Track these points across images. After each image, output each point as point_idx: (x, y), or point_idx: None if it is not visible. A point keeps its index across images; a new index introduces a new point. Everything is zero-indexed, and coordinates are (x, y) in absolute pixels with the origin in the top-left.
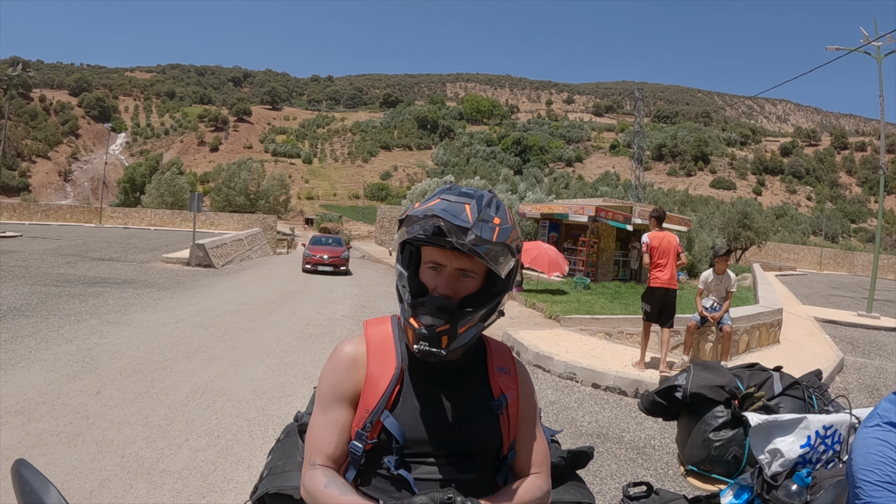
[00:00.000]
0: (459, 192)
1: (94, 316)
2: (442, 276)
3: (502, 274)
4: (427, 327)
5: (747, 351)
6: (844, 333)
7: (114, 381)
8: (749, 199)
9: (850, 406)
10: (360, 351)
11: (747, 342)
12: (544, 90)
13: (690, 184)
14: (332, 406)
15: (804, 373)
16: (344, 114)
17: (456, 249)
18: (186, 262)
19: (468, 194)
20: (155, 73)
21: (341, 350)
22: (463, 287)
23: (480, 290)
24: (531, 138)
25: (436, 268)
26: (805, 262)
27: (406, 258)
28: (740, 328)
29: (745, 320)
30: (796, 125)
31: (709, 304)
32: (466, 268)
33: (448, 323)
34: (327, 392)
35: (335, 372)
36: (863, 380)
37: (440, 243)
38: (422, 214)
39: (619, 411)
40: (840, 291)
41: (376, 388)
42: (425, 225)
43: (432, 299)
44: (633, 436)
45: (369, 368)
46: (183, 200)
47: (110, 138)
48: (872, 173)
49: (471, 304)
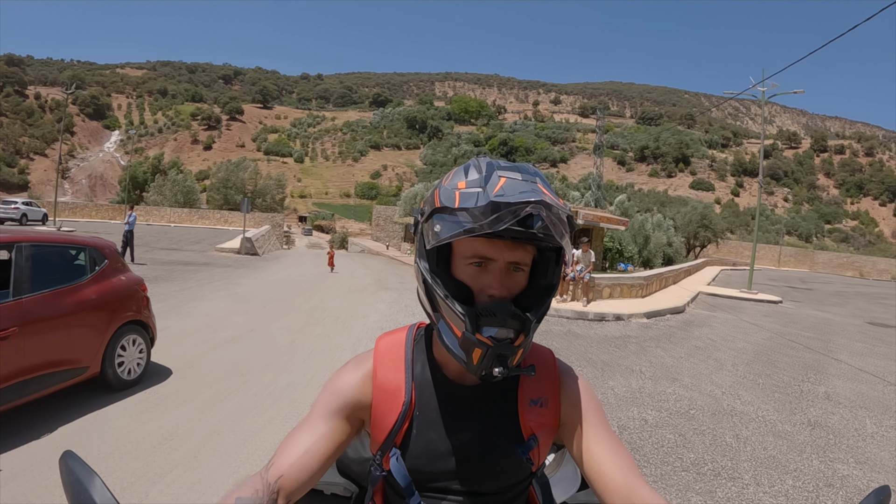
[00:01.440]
0: (515, 167)
1: (216, 280)
2: (491, 274)
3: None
4: (501, 343)
5: (610, 298)
6: (714, 301)
7: (265, 306)
8: (708, 202)
9: None
10: (367, 371)
11: (609, 293)
12: (532, 90)
13: (671, 185)
14: (321, 419)
15: (636, 310)
16: (334, 113)
17: (519, 239)
18: (237, 251)
19: (524, 168)
20: (146, 69)
21: (348, 366)
22: (515, 284)
23: (530, 284)
24: (517, 139)
25: (480, 263)
26: (766, 260)
27: (433, 255)
28: (602, 284)
29: (608, 280)
30: (781, 127)
31: (579, 268)
32: (519, 260)
33: (522, 332)
34: (319, 405)
35: (337, 386)
36: (681, 317)
37: (516, 235)
38: (518, 199)
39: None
40: (772, 282)
41: (383, 420)
42: (517, 212)
43: (503, 306)
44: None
45: (375, 394)
46: (193, 200)
47: (105, 136)
48: (850, 175)
49: (527, 303)
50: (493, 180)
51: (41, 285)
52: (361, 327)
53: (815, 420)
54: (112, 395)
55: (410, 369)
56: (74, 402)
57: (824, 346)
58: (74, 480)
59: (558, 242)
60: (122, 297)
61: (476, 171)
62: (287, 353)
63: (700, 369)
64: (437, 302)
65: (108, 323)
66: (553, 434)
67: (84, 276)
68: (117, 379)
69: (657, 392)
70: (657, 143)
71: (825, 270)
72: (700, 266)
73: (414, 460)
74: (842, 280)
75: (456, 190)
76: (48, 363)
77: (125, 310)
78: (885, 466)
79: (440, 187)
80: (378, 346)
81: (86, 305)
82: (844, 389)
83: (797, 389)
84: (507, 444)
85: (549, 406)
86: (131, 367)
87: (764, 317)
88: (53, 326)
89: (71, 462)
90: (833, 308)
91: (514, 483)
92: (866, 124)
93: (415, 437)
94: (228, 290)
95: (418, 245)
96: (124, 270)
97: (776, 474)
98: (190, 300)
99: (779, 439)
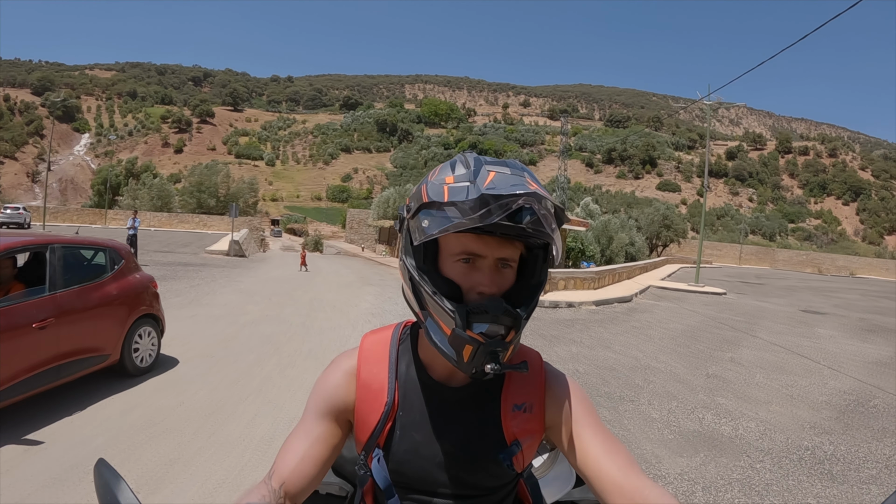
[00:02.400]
0: (502, 162)
1: (218, 279)
2: (480, 271)
3: (558, 260)
4: (493, 339)
5: (565, 290)
6: (662, 293)
7: (270, 298)
8: (668, 203)
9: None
10: (351, 370)
11: (564, 285)
12: (502, 92)
13: (638, 186)
14: (312, 422)
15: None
16: (305, 116)
17: (508, 235)
18: (226, 253)
19: (510, 163)
20: (115, 71)
21: (333, 365)
22: (504, 281)
23: (518, 281)
24: (487, 142)
25: (469, 260)
26: (727, 258)
27: (420, 252)
28: (557, 277)
29: (562, 274)
30: (748, 128)
31: None
32: (508, 256)
33: (512, 329)
34: (310, 408)
35: (323, 387)
36: (628, 305)
37: (506, 230)
38: (509, 192)
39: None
40: (728, 278)
41: (366, 420)
42: (508, 206)
43: (495, 302)
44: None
45: (358, 393)
46: (170, 204)
47: (75, 139)
48: (814, 176)
49: (516, 300)
50: (482, 174)
51: (71, 282)
52: (356, 313)
53: (714, 373)
54: (177, 364)
55: (394, 369)
56: (99, 385)
57: (748, 328)
58: (104, 484)
59: (549, 237)
60: (138, 292)
61: (463, 166)
62: (301, 330)
63: (631, 342)
64: (425, 299)
65: (126, 315)
66: (539, 439)
67: (106, 273)
68: (134, 366)
69: (592, 355)
70: (625, 146)
71: (785, 267)
72: (659, 263)
73: (398, 462)
74: (798, 276)
75: (444, 185)
76: (78, 350)
77: (140, 304)
78: (757, 400)
79: (427, 183)
80: (363, 344)
81: (108, 300)
82: (749, 356)
83: (708, 355)
84: (489, 449)
85: (533, 411)
86: (145, 356)
87: (704, 305)
88: (82, 318)
89: (102, 468)
90: (775, 299)
91: (498, 486)
92: (832, 125)
93: (398, 438)
94: (233, 286)
95: (404, 242)
96: (138, 269)
97: (666, 401)
98: (205, 294)
99: (678, 383)
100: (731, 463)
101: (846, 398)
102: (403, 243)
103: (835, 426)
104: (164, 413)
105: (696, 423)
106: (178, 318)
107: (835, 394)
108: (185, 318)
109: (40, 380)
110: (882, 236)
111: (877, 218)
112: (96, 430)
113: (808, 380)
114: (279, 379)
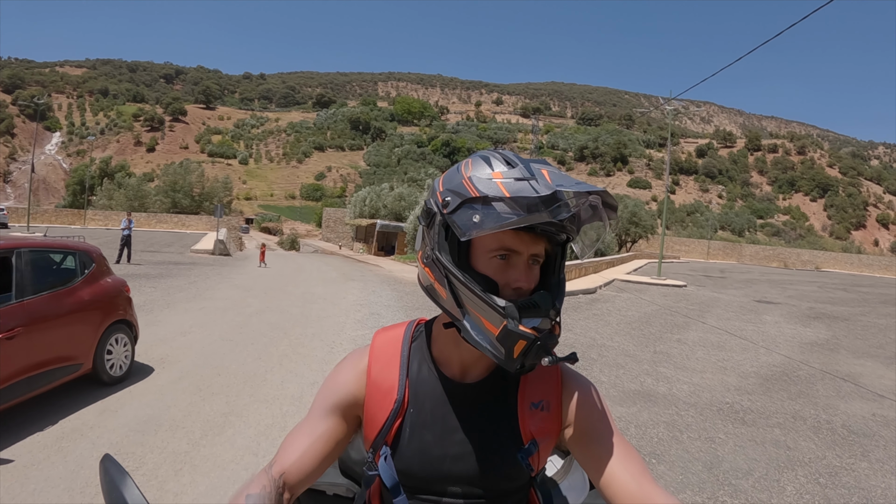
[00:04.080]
0: (539, 161)
1: (211, 276)
2: (516, 267)
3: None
4: (545, 334)
5: None
6: (625, 286)
7: (266, 293)
8: (637, 200)
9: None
10: (363, 367)
11: None
12: (475, 90)
13: (609, 183)
14: (319, 417)
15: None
16: (278, 114)
17: (548, 231)
18: (211, 252)
19: (550, 164)
20: (86, 68)
21: (344, 362)
22: (534, 277)
23: (543, 278)
24: (460, 140)
25: (505, 256)
26: (695, 253)
27: (455, 249)
28: None
29: None
30: (719, 126)
31: None
32: (539, 253)
33: (556, 323)
34: (318, 402)
35: (334, 384)
36: (591, 296)
37: (547, 228)
38: (581, 189)
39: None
40: (692, 272)
41: (375, 417)
42: (579, 202)
43: (544, 298)
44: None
45: (368, 390)
46: (147, 204)
47: (46, 137)
48: (783, 173)
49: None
50: (536, 171)
51: (40, 288)
52: (346, 304)
53: (660, 350)
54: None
55: (406, 367)
56: (76, 394)
57: (699, 315)
58: (109, 481)
59: (603, 229)
60: (111, 297)
61: (503, 163)
62: (302, 318)
63: (590, 326)
64: (464, 297)
65: (99, 322)
66: (555, 439)
67: (76, 278)
68: (107, 375)
69: None
70: (596, 144)
71: (751, 262)
72: (627, 258)
73: (407, 461)
74: (763, 270)
75: (497, 181)
76: (49, 360)
77: (113, 309)
78: (693, 370)
79: (471, 177)
80: (375, 342)
81: (79, 306)
82: (694, 337)
83: (657, 337)
84: (505, 448)
85: (550, 410)
86: (119, 364)
87: (663, 296)
88: (53, 326)
89: (107, 464)
90: (732, 291)
91: (512, 489)
92: (801, 123)
93: (408, 436)
94: (227, 282)
95: (438, 238)
96: (110, 273)
97: (615, 370)
98: (205, 290)
99: (627, 357)
100: (661, 411)
101: (773, 370)
102: (437, 239)
103: (756, 389)
104: (207, 381)
105: (637, 384)
106: (189, 310)
107: (764, 366)
108: (196, 309)
109: (11, 393)
110: (849, 231)
111: (844, 214)
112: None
113: (742, 356)
114: (294, 355)
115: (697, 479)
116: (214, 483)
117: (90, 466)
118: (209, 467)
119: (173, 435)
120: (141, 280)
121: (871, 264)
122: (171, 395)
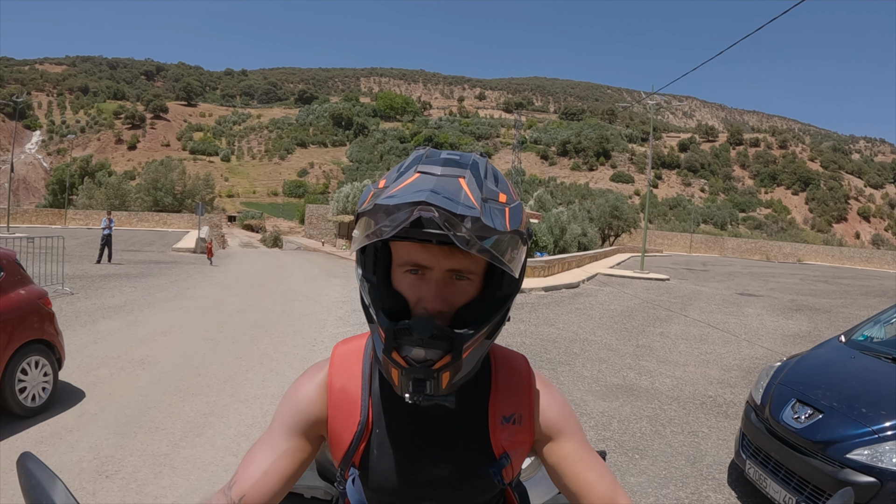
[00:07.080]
0: (444, 160)
1: (193, 275)
2: (427, 283)
3: (516, 272)
4: (420, 364)
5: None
6: (608, 280)
7: (247, 291)
8: (619, 194)
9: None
10: (322, 382)
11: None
12: (457, 85)
13: (592, 178)
14: (280, 435)
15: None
16: (259, 110)
17: (446, 244)
18: (193, 250)
19: (456, 161)
20: (66, 65)
21: (304, 376)
22: (458, 295)
23: (481, 294)
24: (443, 135)
25: (417, 271)
26: (678, 247)
27: (370, 260)
28: None
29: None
30: (701, 121)
31: None
32: (461, 268)
33: (449, 353)
34: (278, 419)
35: (294, 400)
36: (574, 290)
37: (423, 237)
38: (404, 200)
39: None
40: (675, 265)
41: (340, 437)
42: (400, 217)
43: (421, 322)
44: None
45: (330, 410)
46: (128, 203)
47: (26, 136)
48: (764, 167)
49: (471, 316)
50: (405, 176)
51: None
52: (327, 301)
53: (642, 343)
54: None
55: (368, 382)
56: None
57: (682, 308)
58: (35, 485)
59: (478, 246)
60: (22, 313)
61: (399, 167)
62: (283, 316)
63: (573, 320)
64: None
65: (5, 343)
66: (527, 451)
67: None
68: (19, 406)
69: (537, 331)
70: (579, 138)
71: (734, 255)
72: (610, 252)
73: (377, 481)
74: (745, 263)
75: (372, 189)
76: None
77: (25, 328)
78: (675, 363)
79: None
80: (334, 356)
81: None
82: (676, 330)
83: (640, 331)
84: (477, 463)
85: (523, 423)
86: (35, 393)
87: (645, 290)
88: None
89: (30, 465)
90: (714, 284)
91: (485, 500)
92: (783, 118)
93: (376, 457)
94: (209, 281)
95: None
96: (25, 283)
97: (597, 364)
98: (186, 289)
99: (609, 351)
100: (644, 405)
101: (756, 362)
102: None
103: (739, 382)
104: (187, 381)
105: (620, 379)
106: (169, 310)
107: (746, 359)
108: (176, 309)
109: None
110: (830, 224)
111: (825, 207)
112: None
113: (725, 349)
114: (275, 354)
115: (681, 474)
116: (194, 485)
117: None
118: (189, 469)
119: (153, 437)
120: (122, 280)
121: (852, 256)
122: (150, 396)
